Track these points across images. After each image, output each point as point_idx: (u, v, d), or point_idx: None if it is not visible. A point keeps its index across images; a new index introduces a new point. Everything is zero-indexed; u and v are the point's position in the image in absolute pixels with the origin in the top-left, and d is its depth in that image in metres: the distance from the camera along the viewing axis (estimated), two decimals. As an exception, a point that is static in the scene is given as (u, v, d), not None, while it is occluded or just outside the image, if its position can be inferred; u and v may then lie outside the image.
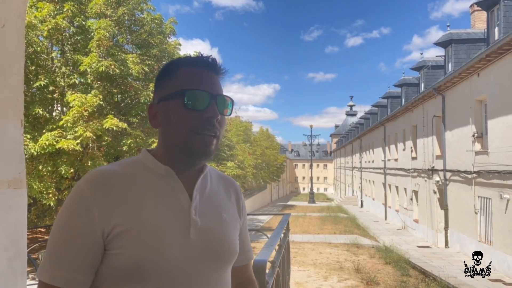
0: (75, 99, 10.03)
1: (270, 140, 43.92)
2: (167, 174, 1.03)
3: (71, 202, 0.95)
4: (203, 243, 1.01)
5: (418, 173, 19.59)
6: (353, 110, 79.81)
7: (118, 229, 0.93)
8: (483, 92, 12.77)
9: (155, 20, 13.27)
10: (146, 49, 13.01)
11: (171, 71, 1.06)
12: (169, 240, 0.96)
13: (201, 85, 1.01)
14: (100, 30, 10.81)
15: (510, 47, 10.75)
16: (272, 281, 2.40)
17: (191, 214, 1.02)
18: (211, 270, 1.03)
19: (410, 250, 15.58)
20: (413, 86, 23.37)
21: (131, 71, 11.35)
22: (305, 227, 22.69)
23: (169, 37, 14.08)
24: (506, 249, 11.40)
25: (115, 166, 1.02)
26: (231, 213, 1.15)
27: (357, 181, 41.46)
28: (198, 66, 1.04)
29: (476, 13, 19.23)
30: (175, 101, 1.01)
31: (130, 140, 11.11)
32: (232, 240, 1.10)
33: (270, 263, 2.58)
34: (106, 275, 0.95)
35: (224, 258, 1.06)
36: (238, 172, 19.24)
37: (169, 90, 1.03)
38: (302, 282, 11.34)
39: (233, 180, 1.26)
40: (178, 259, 0.96)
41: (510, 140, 11.02)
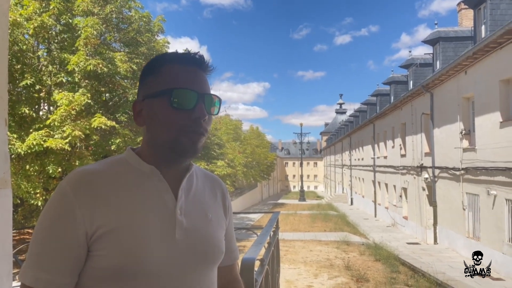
0: (63, 97, 9.91)
1: (260, 139, 43.94)
2: (151, 173, 1.01)
3: (53, 202, 0.93)
4: (188, 244, 1.00)
5: (407, 170, 19.75)
6: (343, 108, 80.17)
7: (101, 230, 0.91)
8: (471, 89, 12.90)
9: (143, 18, 13.17)
10: (134, 47, 12.92)
11: (156, 67, 1.02)
12: (154, 241, 0.94)
13: (189, 83, 0.98)
14: (87, 28, 10.70)
15: (497, 45, 10.87)
16: (261, 279, 2.38)
17: (177, 215, 1.00)
18: (197, 270, 1.01)
19: (400, 247, 15.70)
20: (401, 83, 23.54)
21: (119, 69, 11.25)
22: (295, 225, 22.75)
23: (157, 35, 13.99)
24: (493, 245, 11.55)
25: (98, 165, 1.00)
26: (217, 212, 1.13)
27: (347, 179, 41.68)
28: (185, 63, 1.01)
29: (463, 11, 19.44)
30: (161, 99, 0.98)
31: (119, 140, 11.03)
32: (218, 240, 1.08)
33: (259, 261, 2.56)
34: (89, 277, 0.93)
35: (210, 259, 1.05)
36: (229, 171, 19.22)
37: (155, 87, 1.00)
38: (292, 280, 11.37)
39: (219, 179, 1.24)
40: (163, 260, 0.95)
41: (496, 137, 11.15)
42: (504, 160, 10.69)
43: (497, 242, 11.34)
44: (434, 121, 16.06)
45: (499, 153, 10.95)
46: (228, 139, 26.21)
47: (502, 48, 10.80)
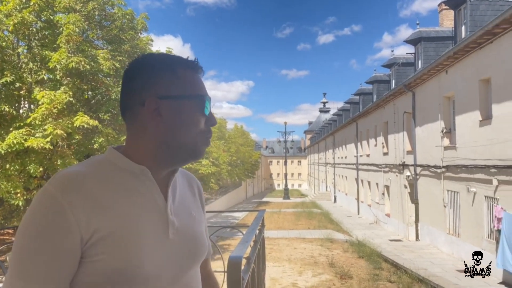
0: (44, 96, 9.73)
1: (245, 137, 43.98)
2: (142, 173, 0.99)
3: (40, 208, 0.87)
4: (180, 243, 1.01)
5: (390, 168, 20.02)
6: (326, 107, 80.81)
7: (98, 235, 0.88)
8: (451, 88, 13.14)
9: (126, 16, 13.01)
10: (117, 45, 12.75)
11: (171, 67, 1.01)
12: (151, 243, 0.94)
13: (205, 91, 1.05)
14: (69, 25, 10.52)
15: (476, 45, 11.10)
16: (247, 277, 2.40)
17: (168, 215, 1.00)
18: (188, 268, 1.04)
19: (383, 244, 15.92)
20: (384, 83, 23.83)
21: (102, 67, 11.09)
22: (280, 223, 22.84)
23: (140, 32, 13.84)
24: (472, 241, 11.81)
25: (82, 167, 0.95)
26: (198, 209, 1.16)
27: (330, 177, 42.02)
28: (195, 70, 1.05)
29: (444, 11, 19.77)
30: (191, 103, 1.00)
31: (102, 139, 10.89)
32: (203, 236, 1.11)
33: (245, 259, 2.58)
34: (82, 284, 0.90)
35: (198, 255, 1.07)
36: (213, 170, 19.18)
37: (178, 90, 0.99)
38: (277, 278, 11.43)
39: (193, 175, 1.26)
40: (160, 261, 0.95)
41: (476, 135, 11.39)
42: (483, 158, 10.93)
43: (476, 238, 11.60)
44: (416, 119, 16.31)
45: (479, 151, 11.20)
46: (213, 138, 26.14)
47: (481, 48, 11.04)
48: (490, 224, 10.79)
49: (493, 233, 10.60)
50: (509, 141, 9.74)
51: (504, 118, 10.02)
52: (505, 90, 10.01)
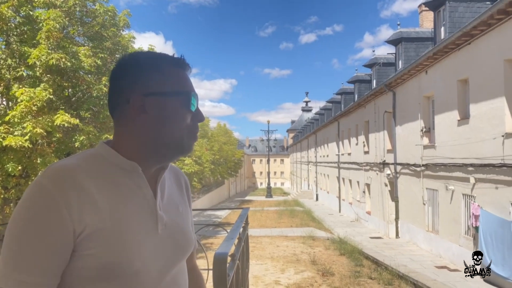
0: (23, 93, 9.54)
1: (228, 136, 43.88)
2: (132, 169, 1.00)
3: (34, 202, 0.87)
4: (169, 238, 1.03)
5: (370, 167, 20.29)
6: (309, 106, 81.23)
7: (90, 229, 0.89)
8: (431, 88, 13.40)
9: (108, 12, 12.85)
10: (99, 42, 12.58)
11: (157, 65, 1.02)
12: (140, 238, 0.96)
13: (191, 87, 1.06)
14: (49, 21, 10.33)
15: (455, 46, 11.34)
16: (232, 274, 2.43)
17: (158, 210, 1.02)
18: (176, 262, 1.06)
19: (363, 241, 16.14)
20: (365, 82, 24.11)
21: (83, 64, 10.93)
22: (262, 221, 22.91)
23: (122, 29, 13.68)
24: (450, 238, 12.08)
25: (74, 160, 0.96)
26: (185, 204, 1.18)
27: (312, 175, 42.31)
28: (181, 67, 1.06)
29: (424, 13, 20.11)
30: (177, 100, 1.01)
31: (83, 137, 10.73)
32: (190, 231, 1.14)
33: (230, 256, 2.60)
34: (74, 277, 0.91)
35: (186, 250, 1.10)
36: (196, 169, 19.11)
37: (165, 86, 1.01)
38: (260, 276, 11.48)
39: (181, 171, 1.28)
40: (149, 256, 0.97)
41: (454, 134, 11.65)
42: (461, 156, 11.19)
43: (454, 235, 11.87)
44: (396, 119, 16.57)
45: (457, 150, 11.46)
46: (195, 136, 26.00)
47: (459, 49, 11.29)
48: (468, 221, 11.06)
49: (470, 230, 10.88)
50: (486, 140, 10.00)
51: (481, 117, 10.28)
52: (482, 90, 10.27)
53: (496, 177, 9.62)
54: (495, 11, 9.01)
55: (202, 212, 26.50)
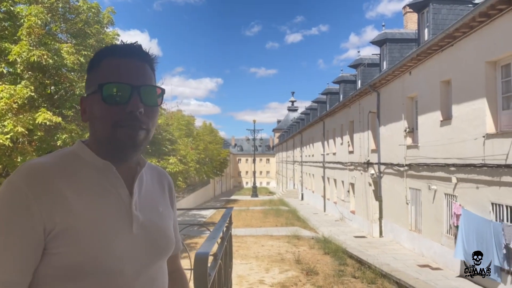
0: (3, 90, 9.34)
1: (213, 135, 43.71)
2: (106, 168, 1.00)
3: (5, 199, 0.87)
4: (145, 238, 1.02)
5: (355, 166, 20.45)
6: (295, 106, 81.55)
7: (60, 227, 0.88)
8: (414, 89, 13.56)
9: (92, 9, 12.66)
10: (82, 39, 12.40)
11: (95, 62, 1.02)
12: (113, 237, 0.94)
13: (122, 77, 0.98)
14: (31, 17, 10.14)
15: (438, 47, 11.50)
16: (214, 273, 2.41)
17: (133, 210, 1.01)
18: (152, 263, 1.04)
19: (347, 240, 16.27)
20: (350, 83, 24.29)
21: (65, 61, 10.76)
22: (247, 221, 22.91)
23: (106, 27, 13.51)
24: (433, 237, 12.25)
25: (49, 159, 0.96)
26: (166, 205, 1.17)
27: (298, 175, 42.47)
28: (122, 55, 1.00)
29: (408, 14, 20.34)
30: (95, 96, 0.98)
31: (65, 135, 10.57)
32: (170, 232, 1.12)
33: (212, 256, 2.59)
34: (45, 275, 0.90)
35: (164, 251, 1.08)
36: (181, 168, 18.97)
37: (92, 83, 1.00)
38: (244, 275, 11.47)
39: (165, 171, 1.27)
40: (122, 256, 0.95)
41: (437, 135, 11.82)
42: (444, 156, 11.36)
43: (436, 234, 12.04)
44: (380, 119, 16.74)
45: (439, 150, 11.62)
46: (181, 135, 25.85)
47: (443, 51, 11.45)
48: (449, 221, 11.22)
49: (452, 229, 11.05)
50: (468, 141, 10.17)
51: (463, 118, 10.44)
52: (464, 91, 10.43)
53: (477, 177, 9.79)
54: (477, 13, 9.17)
55: (187, 212, 26.37)
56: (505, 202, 8.83)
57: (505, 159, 8.71)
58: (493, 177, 9.15)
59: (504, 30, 8.83)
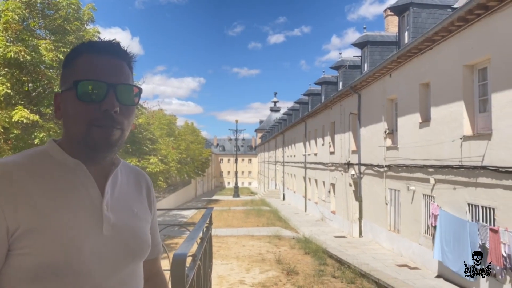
0: (-22, 86, 9.11)
1: (195, 134, 43.50)
2: (76, 167, 0.98)
3: None
4: (116, 240, 0.99)
5: (336, 167, 20.62)
6: (277, 106, 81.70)
7: (24, 228, 0.86)
8: (394, 91, 13.76)
9: (72, 5, 12.43)
10: (61, 36, 12.15)
11: (71, 58, 1.00)
12: (80, 239, 0.92)
13: (98, 74, 0.96)
14: (8, 12, 9.90)
15: (418, 50, 11.69)
16: (192, 274, 2.39)
17: (103, 210, 0.98)
18: (124, 265, 1.02)
19: (328, 240, 16.39)
20: (332, 84, 24.49)
21: (44, 58, 10.54)
22: (229, 221, 22.87)
23: (87, 24, 13.29)
24: (411, 237, 12.45)
25: (17, 158, 0.94)
26: (142, 206, 1.14)
27: (279, 175, 42.60)
28: (99, 52, 0.98)
29: (389, 17, 20.63)
30: (70, 92, 0.96)
31: (43, 133, 10.35)
32: (144, 234, 1.09)
33: (191, 257, 2.57)
34: (9, 277, 0.87)
35: (137, 253, 1.05)
36: (161, 168, 18.81)
37: (68, 80, 0.98)
38: (224, 276, 11.44)
39: (144, 172, 1.24)
40: (91, 257, 0.93)
41: (416, 136, 12.01)
42: (422, 158, 11.55)
43: (414, 234, 12.24)
44: (361, 120, 16.92)
45: (418, 152, 11.81)
46: (162, 135, 25.65)
47: (422, 54, 11.65)
48: (427, 221, 11.42)
49: (430, 229, 11.24)
50: (445, 143, 10.37)
51: (441, 120, 10.64)
52: (442, 94, 10.63)
53: (454, 178, 9.98)
54: (455, 18, 9.35)
55: (168, 212, 26.16)
56: (481, 202, 9.03)
57: (481, 160, 8.91)
58: (470, 178, 9.35)
59: (481, 35, 9.04)
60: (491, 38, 8.68)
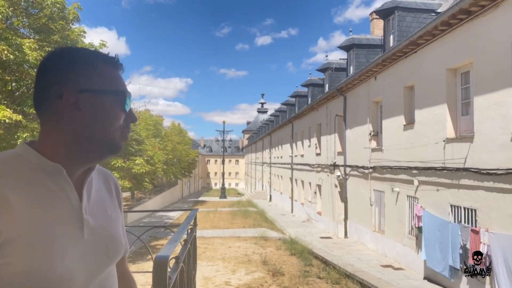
0: (-41, 86, 8.94)
1: (182, 135, 43.31)
2: (55, 171, 0.95)
3: None
4: (96, 243, 1.00)
5: (322, 168, 20.75)
6: (264, 108, 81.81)
7: (5, 237, 0.84)
8: (379, 94, 13.91)
9: (57, 4, 12.27)
10: (46, 35, 12.00)
11: (91, 61, 1.00)
12: (63, 244, 0.91)
13: (123, 87, 1.05)
14: (-9, 11, 9.75)
15: (402, 54, 11.85)
16: (175, 276, 2.40)
17: (83, 214, 0.98)
18: (104, 268, 1.03)
19: (314, 241, 16.48)
20: (318, 86, 24.63)
21: (27, 57, 10.39)
22: (215, 222, 22.81)
23: (72, 23, 13.13)
24: (395, 237, 12.60)
25: None
26: (114, 208, 1.15)
27: (266, 176, 42.65)
28: (115, 67, 1.05)
29: (375, 20, 20.82)
30: (112, 98, 1.00)
31: (26, 134, 10.21)
32: (119, 235, 1.11)
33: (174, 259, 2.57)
34: None
35: (114, 254, 1.07)
36: (148, 169, 18.69)
37: (99, 84, 0.98)
38: (210, 277, 11.42)
39: (110, 173, 1.25)
40: (74, 262, 0.92)
41: (400, 138, 12.16)
42: (406, 160, 11.70)
43: (398, 235, 12.38)
44: (347, 122, 17.06)
45: (402, 153, 11.96)
46: (148, 135, 25.48)
47: (407, 57, 11.80)
48: (411, 222, 11.57)
49: (413, 230, 11.39)
50: (429, 145, 10.52)
51: (425, 123, 10.80)
52: (426, 97, 10.79)
53: (438, 179, 10.14)
54: (439, 22, 9.51)
55: (154, 213, 25.99)
56: (463, 204, 9.19)
57: (464, 162, 9.07)
58: (452, 180, 9.51)
59: (463, 39, 9.21)
60: (474, 43, 8.85)
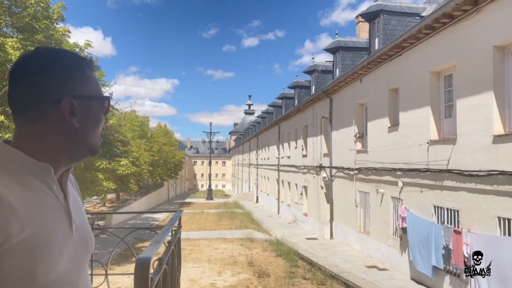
0: None
1: (168, 136, 43.03)
2: (44, 172, 0.95)
3: None
4: (80, 239, 1.04)
5: (308, 170, 20.84)
6: (251, 109, 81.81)
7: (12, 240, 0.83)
8: (364, 96, 14.04)
9: (40, 3, 12.11)
10: (29, 34, 11.82)
11: (80, 67, 1.03)
12: (61, 242, 0.94)
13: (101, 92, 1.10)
14: (-28, 9, 9.58)
15: (387, 57, 11.98)
16: (158, 278, 2.39)
17: (71, 212, 1.01)
18: (85, 262, 1.08)
19: (300, 242, 16.54)
20: (305, 88, 24.76)
21: (10, 57, 10.23)
22: (201, 224, 22.74)
23: (56, 23, 12.97)
24: (380, 238, 12.72)
25: None
26: (81, 203, 1.19)
27: (253, 178, 42.66)
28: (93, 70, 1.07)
29: (360, 23, 21.05)
30: (99, 104, 1.05)
31: (9, 135, 10.04)
32: (91, 230, 1.16)
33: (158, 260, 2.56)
34: None
35: (91, 249, 1.12)
36: (133, 170, 18.51)
37: (88, 89, 1.02)
38: (196, 279, 11.38)
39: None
40: (68, 258, 0.96)
41: (385, 140, 12.29)
42: (391, 161, 11.83)
43: (383, 236, 12.51)
44: (333, 124, 17.18)
45: (387, 155, 12.09)
46: (134, 136, 25.25)
47: (391, 60, 11.94)
48: (396, 223, 11.70)
49: (398, 231, 11.52)
50: (413, 147, 10.66)
51: (409, 125, 10.94)
52: (410, 99, 10.93)
53: (421, 181, 10.27)
54: (423, 26, 9.65)
55: (139, 215, 25.79)
56: (446, 205, 9.33)
57: (447, 164, 9.21)
58: (436, 181, 9.64)
59: (446, 42, 9.36)
60: (456, 46, 9.00)
